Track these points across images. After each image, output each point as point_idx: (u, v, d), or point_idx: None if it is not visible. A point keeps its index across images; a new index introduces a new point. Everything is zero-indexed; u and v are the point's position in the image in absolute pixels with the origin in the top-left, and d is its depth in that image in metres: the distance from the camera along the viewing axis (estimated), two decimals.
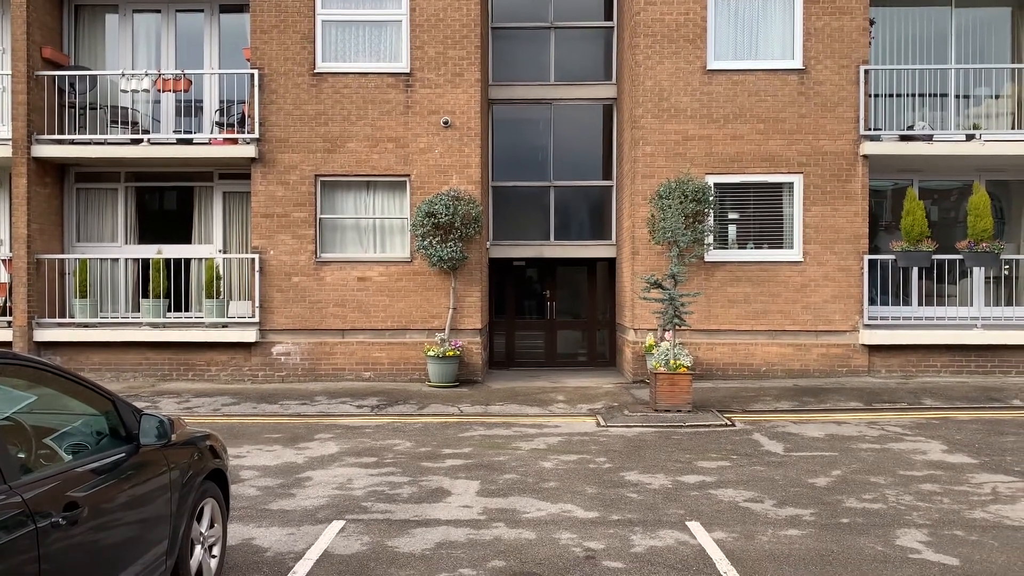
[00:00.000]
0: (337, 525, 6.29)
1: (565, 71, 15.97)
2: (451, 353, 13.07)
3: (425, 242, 13.22)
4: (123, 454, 4.15)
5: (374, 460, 8.46)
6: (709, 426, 10.07)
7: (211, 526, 4.99)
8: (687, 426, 10.08)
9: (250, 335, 13.46)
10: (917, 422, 10.23)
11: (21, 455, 3.66)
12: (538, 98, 15.89)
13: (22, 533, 3.22)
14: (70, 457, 3.96)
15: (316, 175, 13.69)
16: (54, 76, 13.75)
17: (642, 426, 10.13)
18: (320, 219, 13.76)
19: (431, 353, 13.06)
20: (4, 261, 14.00)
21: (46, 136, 13.59)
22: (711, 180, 13.31)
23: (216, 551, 5.06)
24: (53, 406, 4.32)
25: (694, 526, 6.26)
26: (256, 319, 13.60)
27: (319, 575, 5.30)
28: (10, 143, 13.40)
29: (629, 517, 6.51)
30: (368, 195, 13.94)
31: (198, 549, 4.79)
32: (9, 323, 13.48)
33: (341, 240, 13.90)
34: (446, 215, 13.05)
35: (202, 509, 4.87)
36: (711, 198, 12.99)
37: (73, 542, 3.52)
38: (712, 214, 13.20)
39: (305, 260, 13.66)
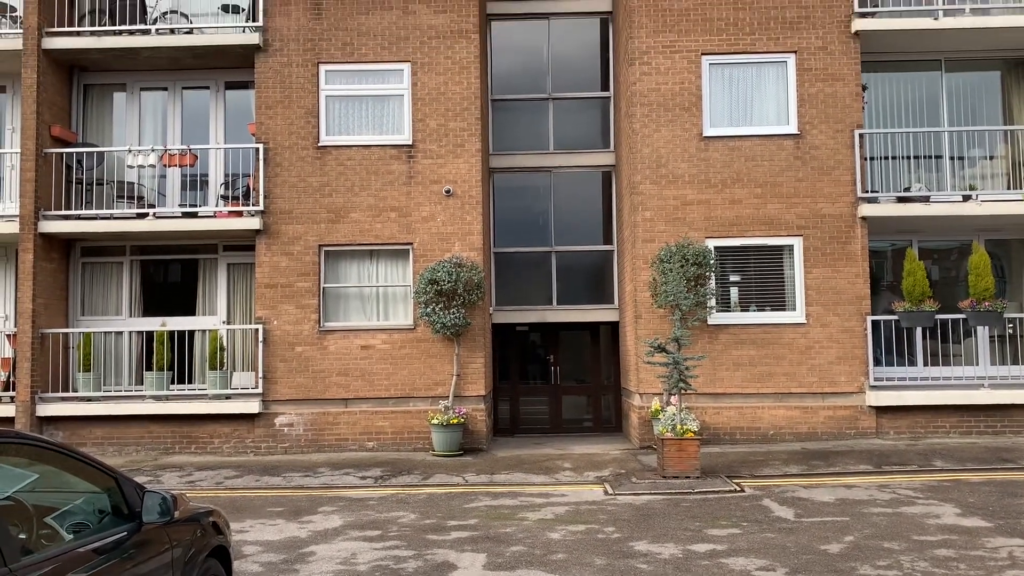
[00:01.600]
0: None
1: (564, 140, 16.25)
2: (455, 421, 12.98)
3: (428, 309, 13.26)
4: (125, 532, 4.10)
5: (378, 533, 8.33)
6: (718, 492, 9.93)
7: None
8: (696, 493, 9.94)
9: (253, 406, 13.40)
10: (929, 485, 10.08)
11: (22, 536, 3.62)
12: (538, 166, 16.13)
13: None
14: (72, 536, 3.92)
15: (320, 245, 13.82)
16: (62, 153, 14.01)
17: (650, 494, 9.99)
18: (324, 288, 13.83)
19: (435, 421, 12.97)
20: (9, 336, 14.04)
21: (53, 212, 13.78)
22: (711, 243, 13.41)
23: None
24: (55, 484, 4.29)
25: None
26: (259, 390, 13.55)
27: None
28: (18, 219, 13.57)
29: None
30: (371, 264, 14.04)
31: None
32: (12, 398, 13.45)
33: (344, 309, 13.95)
34: (449, 282, 13.12)
35: None
36: (712, 261, 13.07)
37: None
38: (714, 277, 13.26)
39: (308, 329, 13.68)
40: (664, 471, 10.78)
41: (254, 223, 13.66)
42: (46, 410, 13.38)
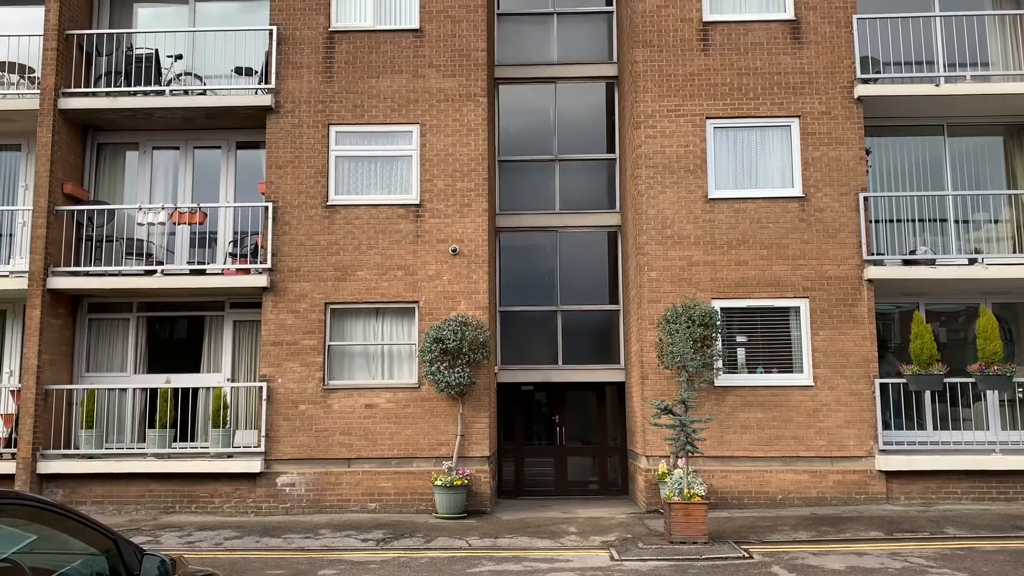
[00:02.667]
0: None
1: (570, 200, 16.39)
2: (459, 482, 12.81)
3: (433, 367, 13.21)
4: None
5: None
6: (726, 559, 9.73)
7: None
8: (703, 559, 9.74)
9: (255, 465, 13.26)
10: (941, 553, 9.87)
11: None
12: (544, 226, 16.24)
13: None
14: None
15: (326, 303, 13.85)
16: (73, 211, 14.17)
17: (657, 559, 9.79)
18: (329, 346, 13.81)
19: (438, 483, 12.81)
20: (13, 392, 14.00)
21: (62, 268, 13.87)
22: (718, 304, 13.40)
23: None
24: (53, 546, 4.22)
25: None
26: (262, 448, 13.44)
27: None
28: (26, 276, 13.66)
29: None
30: (377, 322, 14.04)
31: None
32: (13, 455, 13.35)
33: (349, 367, 13.91)
34: (454, 340, 13.09)
35: None
36: (718, 322, 13.05)
37: None
38: (720, 338, 13.22)
39: (313, 388, 13.62)
40: (671, 536, 10.59)
41: (261, 280, 13.72)
42: (47, 467, 13.27)
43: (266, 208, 13.99)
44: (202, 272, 14.10)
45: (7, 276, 14.00)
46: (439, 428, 13.49)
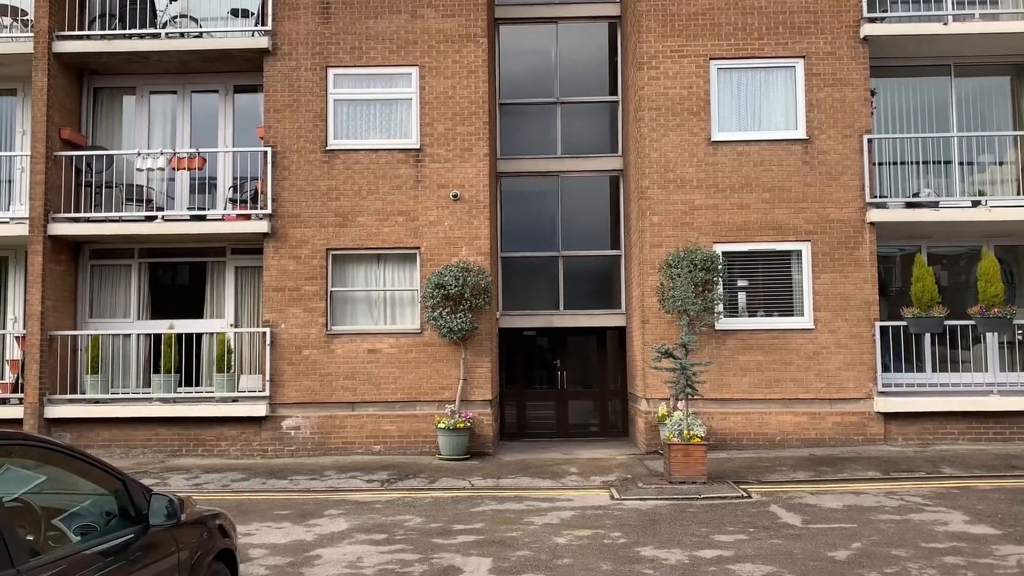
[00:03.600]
0: None
1: (571, 144, 16.25)
2: (462, 425, 12.97)
3: (435, 313, 13.26)
4: (132, 535, 4.11)
5: (384, 537, 8.32)
6: (725, 498, 9.90)
7: None
8: (702, 498, 9.91)
9: (260, 409, 13.41)
10: (937, 492, 10.03)
11: (30, 537, 3.63)
12: (545, 171, 16.13)
13: None
14: (79, 539, 3.93)
15: (327, 249, 13.84)
16: (71, 156, 14.07)
17: (657, 499, 9.96)
18: (331, 292, 13.85)
19: (441, 425, 12.96)
20: (18, 338, 14.09)
21: (62, 214, 13.84)
22: (719, 249, 13.38)
23: None
24: (62, 486, 4.30)
25: None
26: (266, 393, 13.57)
27: None
28: (27, 222, 13.63)
29: None
30: (378, 268, 14.05)
31: None
32: (20, 400, 13.50)
33: (352, 313, 13.96)
34: (456, 286, 13.12)
35: None
36: (720, 267, 13.04)
37: None
38: (721, 282, 13.23)
39: (316, 333, 13.70)
40: (670, 476, 10.76)
41: (262, 226, 13.69)
42: (54, 412, 13.42)
43: (265, 153, 13.89)
44: (202, 218, 14.06)
45: (7, 223, 13.98)
46: (442, 372, 13.60)
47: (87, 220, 13.98)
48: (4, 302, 14.77)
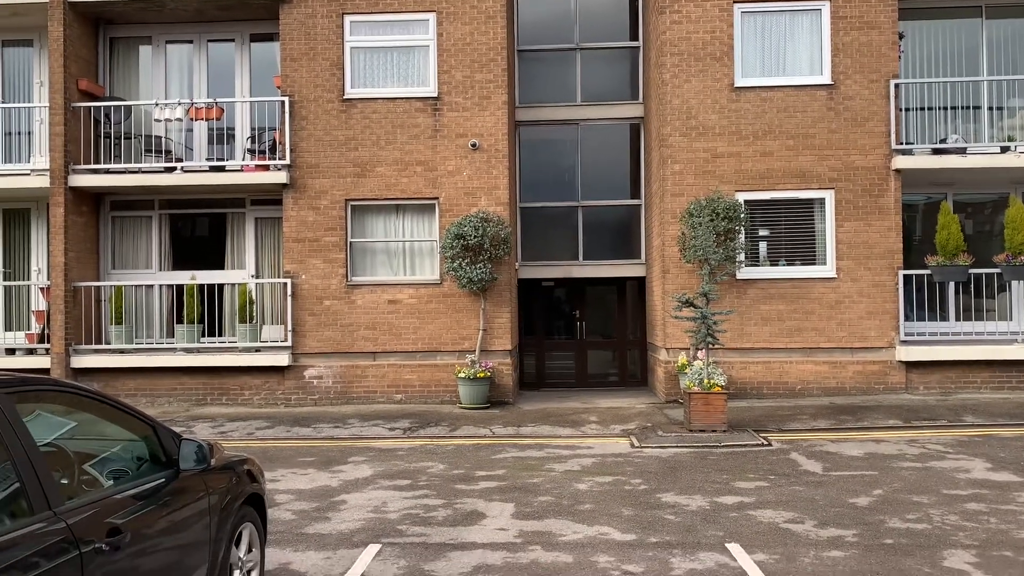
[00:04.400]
0: (373, 549, 6.27)
1: (591, 91, 16.02)
2: (482, 375, 13.05)
3: (455, 264, 13.25)
4: (163, 479, 4.17)
5: (408, 483, 8.43)
6: (745, 446, 9.94)
7: (249, 551, 4.99)
8: (723, 446, 9.95)
9: (283, 359, 13.55)
10: (959, 440, 10.01)
11: (64, 481, 3.69)
12: (565, 119, 15.94)
13: (66, 559, 3.23)
14: (111, 483, 3.99)
15: (346, 199, 13.81)
16: (90, 107, 14.04)
17: (677, 447, 10.02)
18: (351, 243, 13.85)
19: (462, 375, 13.05)
20: (42, 289, 14.25)
21: (82, 166, 13.86)
22: (741, 197, 13.22)
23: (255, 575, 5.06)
24: (93, 432, 4.36)
25: (734, 548, 6.16)
26: (289, 343, 13.69)
27: None
28: (48, 174, 13.68)
29: (667, 539, 6.42)
30: (397, 218, 14.02)
31: (237, 574, 4.78)
32: (47, 350, 13.70)
33: (371, 263, 13.99)
34: (475, 237, 13.08)
35: (240, 534, 4.87)
36: (742, 215, 12.90)
37: (116, 568, 3.52)
38: (743, 231, 13.10)
39: (336, 284, 13.74)
40: (690, 425, 10.80)
41: (281, 177, 13.66)
42: (80, 362, 13.62)
43: (282, 103, 13.79)
44: (221, 169, 14.04)
45: (28, 175, 14.04)
46: (461, 323, 13.65)
47: (107, 171, 14.00)
48: (28, 254, 14.89)
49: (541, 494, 7.88)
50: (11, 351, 14.02)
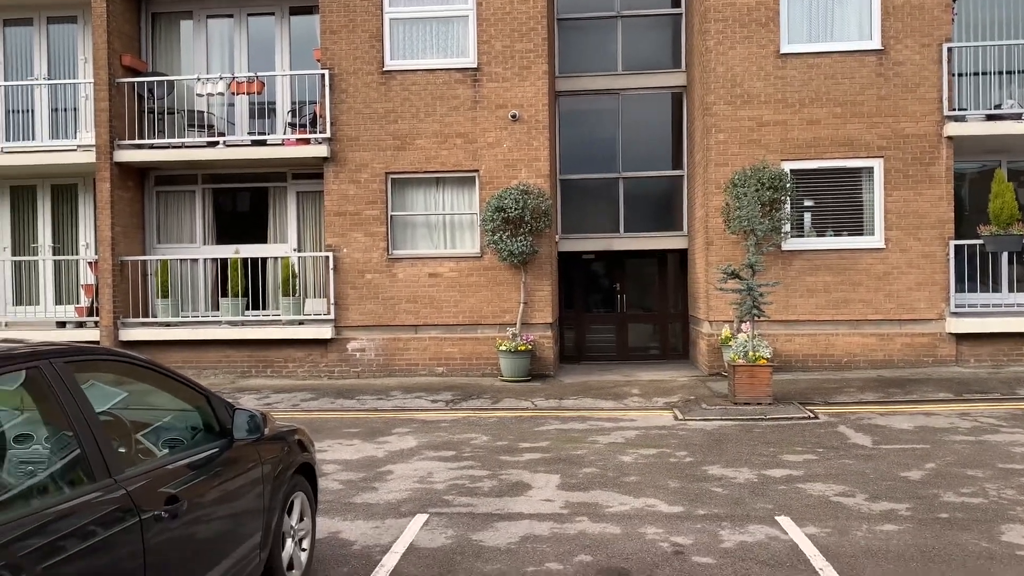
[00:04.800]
0: (421, 519, 6.30)
1: (633, 60, 15.76)
2: (523, 348, 13.03)
3: (495, 237, 13.20)
4: (217, 449, 4.20)
5: (452, 454, 8.47)
6: (791, 419, 9.81)
7: (300, 520, 5.03)
8: (768, 419, 9.84)
9: (326, 332, 13.66)
10: (1012, 413, 9.78)
11: (122, 449, 3.73)
12: (605, 88, 15.71)
13: (127, 525, 3.27)
14: (166, 451, 4.04)
15: (386, 172, 13.80)
16: (133, 83, 14.16)
17: (721, 419, 9.93)
18: (391, 216, 13.87)
19: (503, 348, 13.05)
20: (90, 264, 14.50)
21: (127, 141, 14.01)
22: (787, 166, 12.96)
23: (305, 544, 5.10)
24: (148, 401, 4.41)
25: (784, 521, 6.08)
26: (331, 316, 13.79)
27: (406, 569, 5.30)
28: (93, 149, 13.86)
29: (716, 512, 6.36)
30: (437, 191, 13.99)
31: (289, 542, 4.83)
32: (96, 323, 13.96)
33: (412, 237, 13.99)
34: (515, 209, 13.00)
35: (292, 503, 4.91)
36: (788, 185, 12.65)
37: (174, 535, 3.56)
38: (789, 201, 12.85)
39: (377, 257, 13.78)
40: (735, 397, 10.69)
41: (321, 151, 13.68)
42: (128, 335, 13.86)
43: (323, 76, 13.78)
44: (263, 143, 14.11)
45: (75, 150, 14.23)
46: (502, 296, 13.62)
47: (151, 147, 14.14)
48: (76, 228, 15.14)
49: (586, 466, 7.86)
50: (62, 324, 14.31)
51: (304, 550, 5.07)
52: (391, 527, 6.13)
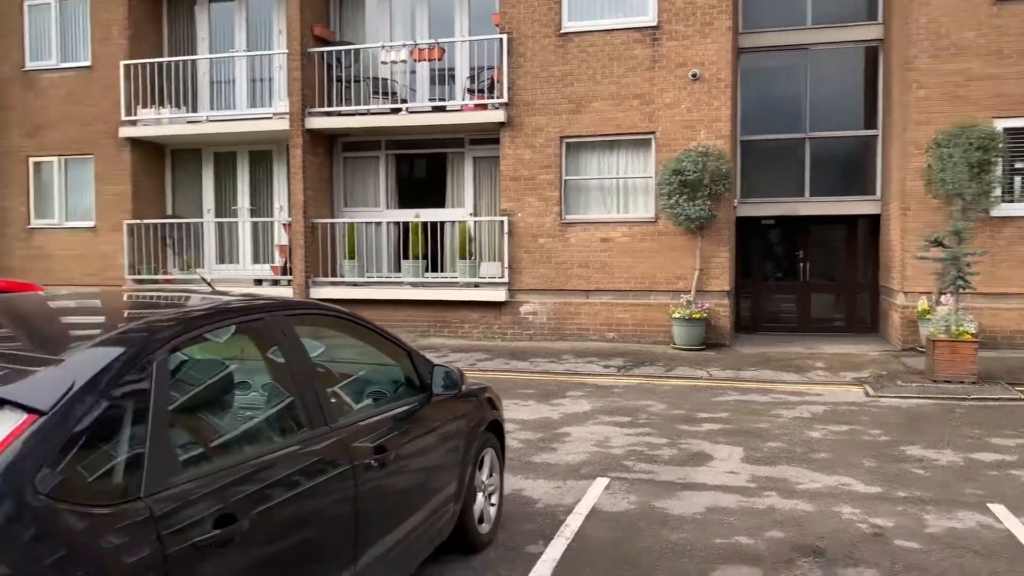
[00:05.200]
0: (602, 482, 6.28)
1: (822, 12, 14.79)
2: (697, 315, 12.71)
3: (671, 201, 12.87)
4: (418, 403, 4.33)
5: (628, 420, 8.40)
6: (999, 399, 9.02)
7: (490, 475, 5.13)
8: (972, 399, 9.09)
9: (500, 295, 13.89)
10: None
11: (333, 400, 3.91)
12: (792, 43, 14.85)
13: (341, 471, 3.43)
14: (372, 403, 4.20)
15: (561, 136, 13.76)
16: (323, 52, 14.83)
17: (919, 397, 9.27)
18: (565, 181, 13.83)
19: (676, 315, 12.78)
20: (284, 225, 15.44)
21: (317, 109, 14.73)
22: (1000, 125, 11.78)
23: (494, 500, 5.20)
24: (347, 355, 4.61)
25: (998, 509, 5.59)
26: (505, 279, 14.00)
27: (591, 531, 5.30)
28: (287, 117, 14.67)
29: (918, 495, 5.94)
30: (612, 155, 13.80)
31: (480, 496, 4.94)
32: (289, 281, 14.89)
33: (585, 201, 13.91)
34: (694, 172, 12.61)
35: (483, 458, 5.01)
36: (1000, 145, 11.51)
37: (381, 484, 3.70)
38: (1000, 163, 11.70)
39: (551, 222, 13.82)
40: (933, 375, 9.94)
41: (498, 116, 13.81)
42: (318, 293, 14.68)
43: (500, 40, 13.86)
44: (442, 109, 14.41)
45: (270, 118, 15.12)
46: (676, 262, 13.31)
47: (339, 114, 14.79)
48: (271, 192, 16.16)
49: (770, 439, 7.57)
50: (258, 282, 15.36)
51: (493, 505, 5.18)
52: (572, 488, 6.16)
